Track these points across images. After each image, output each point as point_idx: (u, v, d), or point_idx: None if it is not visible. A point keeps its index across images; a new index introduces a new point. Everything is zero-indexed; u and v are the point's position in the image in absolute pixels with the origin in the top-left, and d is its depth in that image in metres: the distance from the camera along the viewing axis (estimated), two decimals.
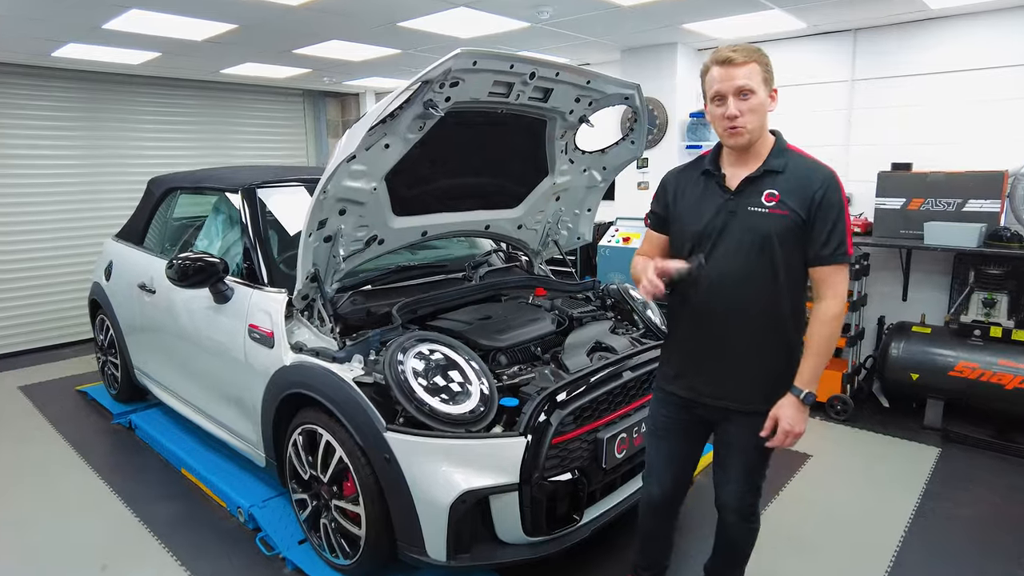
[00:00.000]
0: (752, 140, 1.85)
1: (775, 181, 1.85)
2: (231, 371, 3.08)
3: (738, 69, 1.79)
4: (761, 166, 1.87)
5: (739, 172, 1.91)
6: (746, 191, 1.88)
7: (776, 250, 1.83)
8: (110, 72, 6.14)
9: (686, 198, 2.01)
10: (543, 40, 4.80)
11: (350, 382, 2.39)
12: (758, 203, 1.85)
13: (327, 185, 2.37)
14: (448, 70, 2.30)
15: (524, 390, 2.43)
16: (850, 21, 4.52)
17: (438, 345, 2.44)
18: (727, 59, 1.81)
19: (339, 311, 2.83)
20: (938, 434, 4.07)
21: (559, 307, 3.17)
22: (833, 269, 1.83)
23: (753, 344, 1.91)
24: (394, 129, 2.50)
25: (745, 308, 1.89)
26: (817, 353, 1.86)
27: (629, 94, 3.08)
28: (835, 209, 1.80)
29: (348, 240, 2.72)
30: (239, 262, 3.22)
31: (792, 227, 1.82)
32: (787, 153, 1.89)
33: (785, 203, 1.82)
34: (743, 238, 1.87)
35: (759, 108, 1.81)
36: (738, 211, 1.88)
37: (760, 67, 1.81)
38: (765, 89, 1.83)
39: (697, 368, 2.01)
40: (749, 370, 1.93)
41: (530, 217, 3.57)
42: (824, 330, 1.84)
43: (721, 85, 1.81)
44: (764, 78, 1.82)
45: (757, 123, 1.83)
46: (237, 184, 3.42)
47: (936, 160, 4.34)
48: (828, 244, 1.81)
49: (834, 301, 1.84)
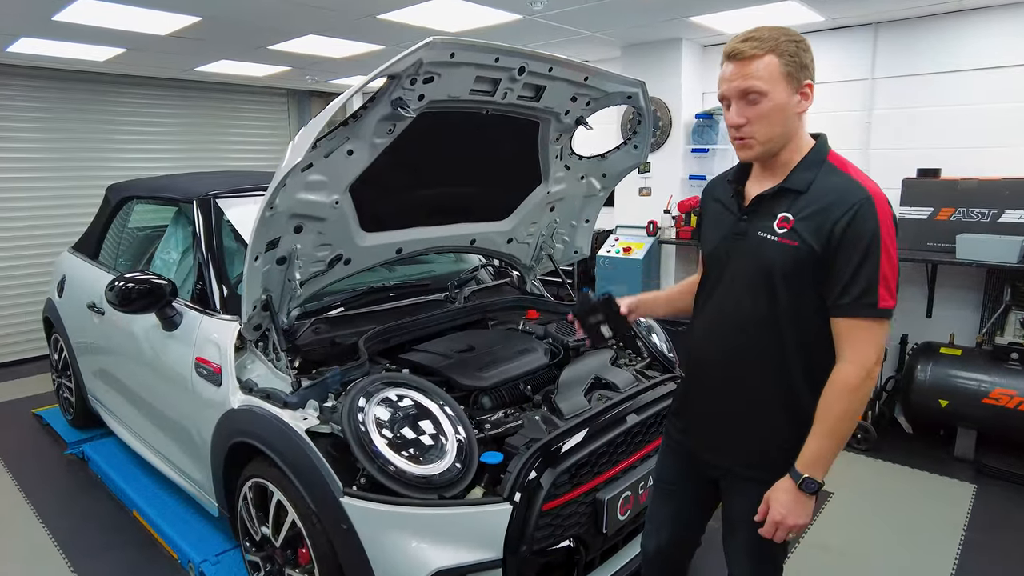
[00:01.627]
0: (768, 152, 1.48)
1: (793, 202, 1.46)
2: (180, 408, 2.71)
3: (745, 65, 1.42)
4: (780, 183, 1.50)
5: (760, 187, 1.55)
6: (760, 212, 1.52)
7: (778, 290, 1.46)
8: (77, 70, 5.76)
9: (711, 213, 1.69)
10: (537, 35, 4.44)
11: (301, 433, 2.01)
12: (769, 228, 1.48)
13: (274, 199, 2.00)
14: (419, 63, 1.93)
15: (510, 442, 2.05)
16: (871, 14, 4.16)
17: (408, 390, 2.06)
18: (733, 52, 1.44)
19: (298, 342, 2.46)
20: (971, 467, 3.70)
21: (553, 334, 2.80)
22: (853, 324, 1.39)
23: (752, 401, 1.56)
24: (358, 133, 2.13)
25: (742, 357, 1.54)
26: (824, 433, 1.43)
27: (632, 92, 2.71)
28: (862, 243, 1.36)
29: (306, 261, 2.34)
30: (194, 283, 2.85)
31: (802, 263, 1.42)
32: (820, 167, 1.47)
33: (798, 232, 1.43)
34: (746, 270, 1.52)
35: (772, 113, 1.42)
36: (747, 235, 1.53)
37: (781, 59, 1.40)
38: (788, 87, 1.41)
39: (694, 416, 1.71)
40: (748, 430, 1.58)
41: (522, 230, 3.19)
42: (834, 403, 1.41)
43: (724, 87, 1.46)
44: (786, 72, 1.41)
45: (771, 132, 1.44)
46: (192, 193, 3.04)
47: (967, 166, 3.97)
48: (848, 290, 1.38)
49: (852, 367, 1.40)
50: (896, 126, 4.33)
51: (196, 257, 2.85)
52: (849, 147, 4.46)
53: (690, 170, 5.20)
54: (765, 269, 1.48)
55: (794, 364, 1.50)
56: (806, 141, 1.52)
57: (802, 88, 1.44)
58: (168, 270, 3.08)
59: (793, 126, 1.47)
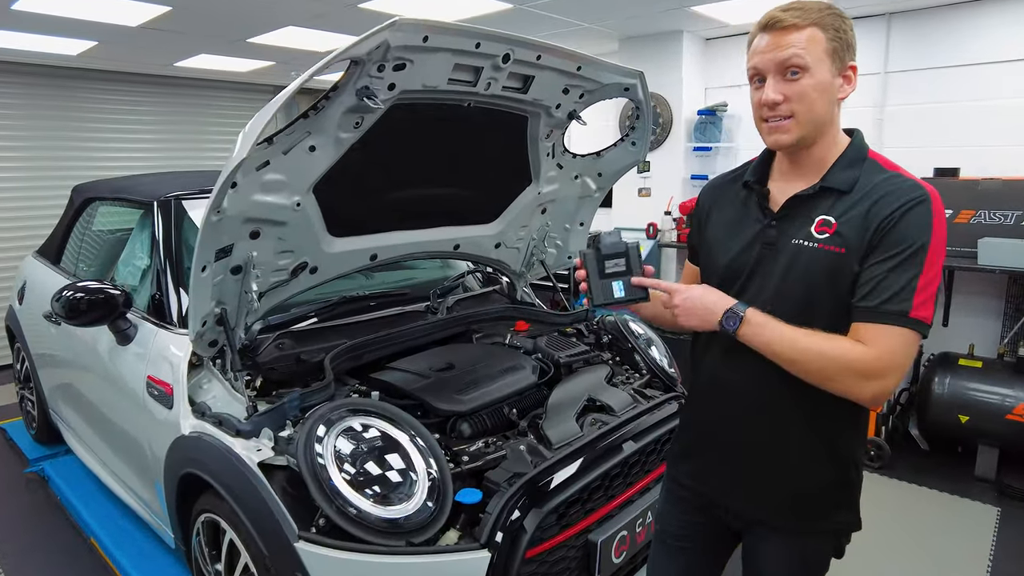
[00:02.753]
0: (805, 140, 1.26)
1: (835, 204, 1.25)
2: (134, 430, 2.46)
3: (786, 35, 1.21)
4: (819, 181, 1.27)
5: (789, 188, 1.32)
6: (793, 216, 1.29)
7: (821, 306, 1.24)
8: (48, 65, 5.51)
9: (720, 219, 1.45)
10: (528, 26, 4.19)
11: (253, 467, 1.77)
12: (806, 234, 1.26)
13: (221, 202, 1.76)
14: (384, 46, 1.70)
15: (490, 477, 1.81)
16: (884, 4, 3.93)
17: (374, 418, 1.81)
18: (771, 21, 1.23)
19: (260, 359, 2.22)
20: (993, 488, 3.46)
21: (543, 348, 2.55)
22: (878, 329, 1.17)
23: (785, 437, 1.33)
24: (320, 126, 1.90)
25: (773, 386, 1.29)
26: (791, 341, 1.20)
27: (630, 84, 2.47)
28: (909, 246, 1.16)
29: (265, 271, 2.10)
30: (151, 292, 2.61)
31: (847, 271, 1.22)
32: (864, 164, 1.27)
33: (843, 236, 1.22)
34: (781, 285, 1.28)
35: (816, 92, 1.21)
36: (779, 243, 1.30)
37: (825, 33, 1.21)
38: (832, 65, 1.22)
39: (710, 459, 1.45)
40: (780, 472, 1.35)
41: (511, 233, 2.95)
42: (828, 348, 1.18)
43: (759, 59, 1.25)
44: (831, 49, 1.21)
45: (812, 114, 1.23)
46: (154, 194, 2.80)
47: (987, 165, 3.73)
48: (878, 291, 1.17)
49: (868, 353, 1.16)
50: (910, 123, 4.10)
51: (154, 264, 2.61)
52: None
53: (692, 169, 4.96)
54: (804, 283, 1.25)
55: (830, 397, 1.25)
56: (841, 137, 1.31)
57: (845, 70, 1.24)
58: (133, 277, 2.85)
59: (832, 114, 1.26)
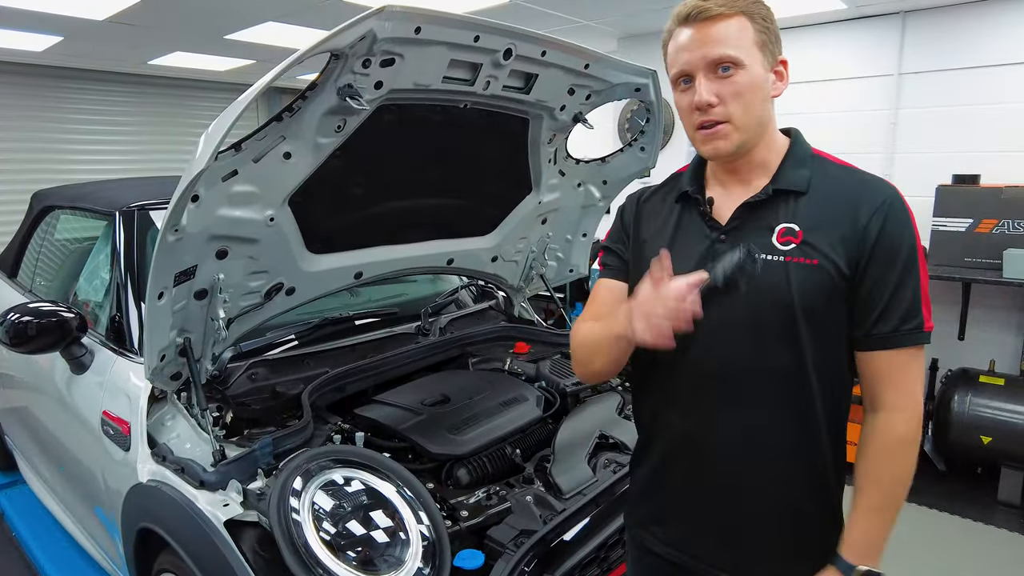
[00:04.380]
0: (746, 145, 1.11)
1: (795, 208, 1.10)
2: (89, 469, 2.20)
3: (713, 26, 1.07)
4: (769, 183, 1.12)
5: (734, 195, 1.15)
6: (746, 227, 1.12)
7: (802, 330, 1.07)
8: (12, 62, 5.22)
9: (651, 237, 1.24)
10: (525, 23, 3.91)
11: (218, 526, 1.52)
12: (767, 246, 1.09)
13: (178, 219, 1.51)
14: (370, 37, 1.47)
15: (494, 535, 1.57)
16: (898, 2, 3.74)
17: (357, 470, 1.57)
18: (696, 11, 1.08)
19: (230, 392, 1.97)
20: (1019, 514, 3.28)
21: (546, 375, 2.32)
22: (897, 357, 1.07)
23: (777, 491, 1.13)
24: (296, 130, 1.66)
25: (751, 427, 1.11)
26: (877, 506, 1.09)
27: (641, 84, 2.26)
28: (901, 253, 1.05)
29: (235, 294, 1.85)
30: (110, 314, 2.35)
31: (827, 287, 1.06)
32: (814, 161, 1.14)
33: (812, 244, 1.07)
34: (748, 311, 1.09)
35: (752, 90, 1.08)
36: None
37: (753, 23, 1.08)
38: (764, 59, 1.09)
39: (691, 522, 1.22)
40: (775, 529, 1.15)
41: (508, 246, 2.72)
42: (887, 465, 1.09)
43: (685, 57, 1.09)
44: (760, 41, 1.08)
45: (750, 116, 1.09)
46: (115, 204, 2.54)
47: (1008, 172, 3.55)
48: (888, 314, 1.05)
49: (901, 416, 1.07)
50: (926, 127, 3.92)
51: (113, 282, 2.35)
52: (872, 150, 4.05)
53: None
54: (776, 303, 1.07)
55: (822, 428, 1.11)
56: (780, 137, 1.18)
57: (777, 65, 1.12)
58: (97, 294, 2.58)
59: (769, 113, 1.13)
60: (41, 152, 5.62)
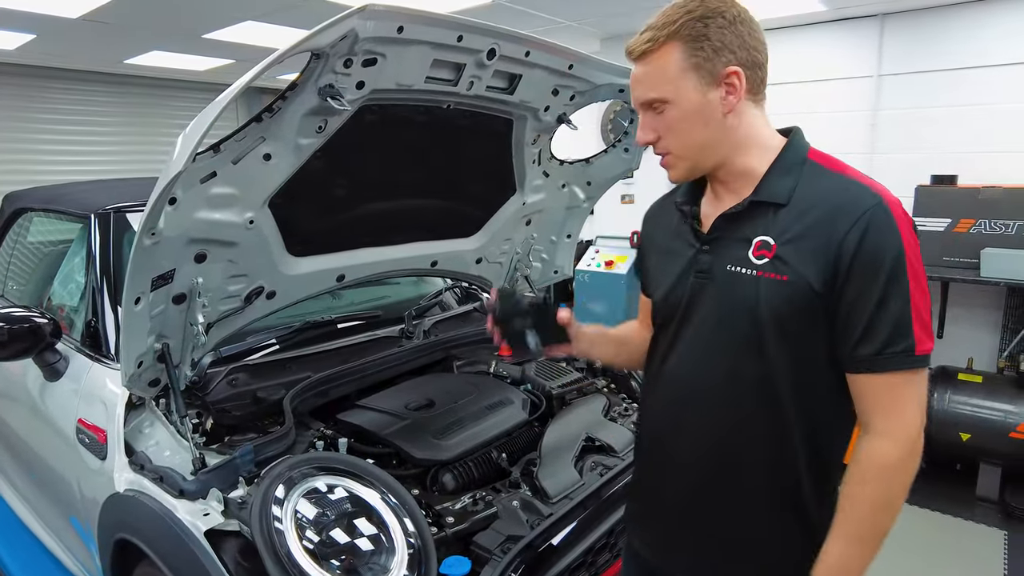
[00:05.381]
0: (700, 167, 1.12)
1: (773, 221, 1.07)
2: (64, 479, 2.15)
3: (640, 65, 1.09)
4: (749, 195, 1.09)
5: (723, 203, 1.14)
6: (725, 238, 1.12)
7: (769, 345, 1.05)
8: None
9: (656, 244, 1.28)
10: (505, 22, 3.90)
11: (199, 537, 1.49)
12: (742, 259, 1.08)
13: (155, 223, 1.47)
14: (351, 36, 1.45)
15: (480, 542, 1.55)
16: (877, 4, 3.78)
17: (343, 478, 1.54)
18: (628, 50, 1.11)
19: (210, 398, 1.93)
20: (997, 509, 3.33)
21: (532, 377, 2.31)
22: (882, 381, 1.01)
23: (745, 507, 1.13)
24: (276, 131, 1.63)
25: (723, 445, 1.12)
26: (851, 534, 1.04)
27: (625, 84, 2.23)
28: (883, 267, 0.99)
29: (214, 298, 1.81)
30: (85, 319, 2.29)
31: (798, 304, 1.03)
32: (802, 169, 1.08)
33: (785, 261, 1.04)
34: (720, 323, 1.09)
35: (686, 122, 1.07)
36: (713, 271, 1.11)
37: (684, 45, 1.03)
38: (699, 81, 1.04)
39: (663, 526, 1.24)
40: (742, 548, 1.15)
41: (493, 247, 2.70)
42: (865, 491, 1.03)
43: (631, 96, 1.13)
44: (693, 64, 1.04)
45: (689, 146, 1.09)
46: (91, 206, 2.48)
47: (985, 172, 3.60)
48: (870, 335, 1.00)
49: (889, 441, 1.02)
50: (905, 128, 3.97)
51: (89, 286, 2.30)
52: (852, 151, 4.08)
53: None
54: (746, 317, 1.06)
55: (799, 449, 1.08)
56: (770, 140, 1.12)
57: (724, 78, 1.05)
58: (72, 298, 2.53)
59: (723, 131, 1.08)
60: (14, 152, 5.50)
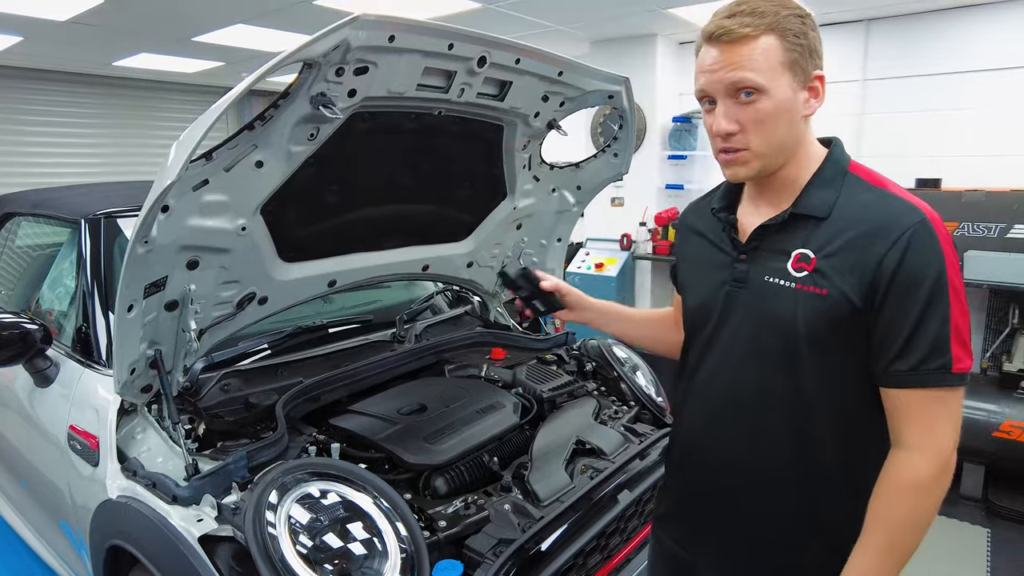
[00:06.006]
0: (768, 169, 1.10)
1: (813, 234, 1.07)
2: (54, 484, 2.15)
3: (736, 49, 1.02)
4: (789, 207, 1.10)
5: (761, 212, 1.15)
6: (764, 248, 1.13)
7: (804, 358, 1.06)
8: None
9: (692, 252, 1.30)
10: (496, 27, 3.98)
11: (192, 543, 1.49)
12: (781, 271, 1.09)
13: (148, 231, 1.48)
14: (344, 46, 1.46)
15: (472, 545, 1.57)
16: (863, 9, 3.83)
17: (336, 483, 1.56)
18: (719, 31, 1.03)
19: (202, 403, 1.94)
20: (980, 507, 3.37)
21: (523, 381, 2.33)
22: (917, 397, 1.01)
23: (774, 515, 1.15)
24: (268, 139, 1.64)
25: (754, 453, 1.13)
26: (880, 547, 1.03)
27: (614, 91, 2.28)
28: (924, 286, 0.99)
29: (206, 304, 1.82)
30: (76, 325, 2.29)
31: (836, 319, 1.04)
32: (843, 182, 1.09)
33: (824, 275, 1.04)
34: (752, 331, 1.10)
35: (775, 116, 1.04)
36: (750, 281, 1.12)
37: (784, 40, 1.02)
38: (793, 79, 1.04)
39: (695, 527, 1.27)
40: (773, 555, 1.16)
41: (484, 251, 2.72)
42: (895, 505, 1.02)
43: (706, 79, 1.07)
44: (790, 60, 1.03)
45: (772, 143, 1.06)
46: (81, 212, 2.48)
47: (969, 176, 3.65)
48: (908, 351, 1.00)
49: (920, 456, 1.01)
50: (889, 132, 4.02)
51: (80, 293, 2.29)
52: None
53: (667, 179, 4.80)
54: (782, 329, 1.07)
55: (828, 459, 1.09)
56: (815, 151, 1.14)
57: (811, 82, 1.07)
58: (61, 303, 2.52)
59: (799, 134, 1.09)
60: (1, 155, 5.46)
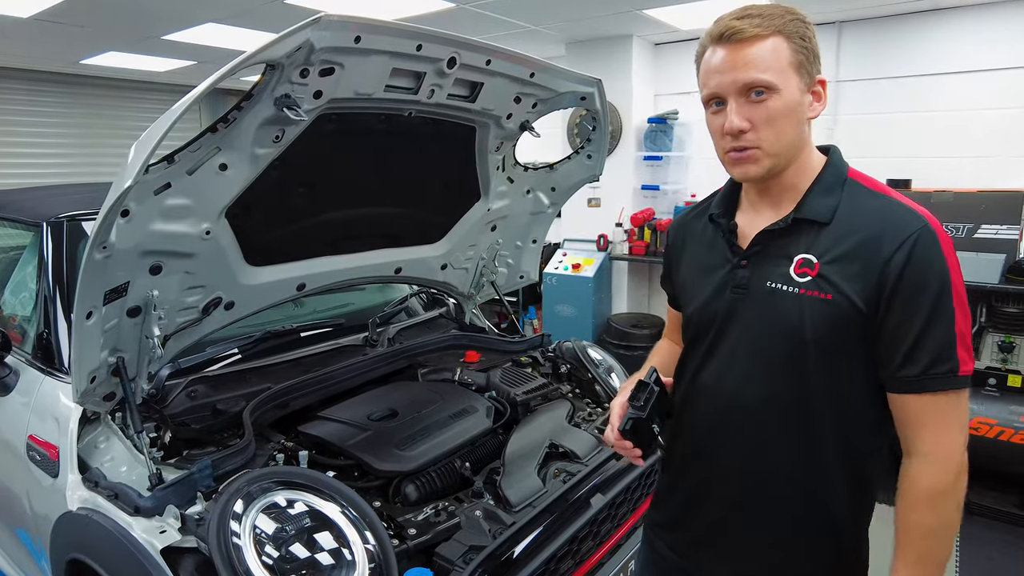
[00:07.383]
0: (776, 169, 1.09)
1: (816, 239, 1.08)
2: (14, 494, 2.09)
3: (746, 48, 1.03)
4: (792, 212, 1.10)
5: (763, 217, 1.14)
6: (766, 253, 1.12)
7: (809, 363, 1.06)
8: None
9: (689, 259, 1.29)
10: (469, 28, 3.96)
11: (155, 555, 1.46)
12: (784, 276, 1.09)
13: (106, 237, 1.44)
14: (307, 47, 1.44)
15: (443, 553, 1.55)
16: (834, 12, 3.87)
17: (301, 492, 1.53)
18: (729, 31, 1.04)
19: (168, 411, 1.90)
20: None
21: (497, 384, 2.31)
22: (927, 402, 1.02)
23: (781, 521, 1.14)
24: (232, 141, 1.61)
25: (752, 460, 1.13)
26: (914, 560, 1.04)
27: (587, 93, 2.27)
28: (929, 291, 0.99)
29: (171, 310, 1.78)
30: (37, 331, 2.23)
31: (841, 324, 1.04)
32: (844, 188, 1.10)
33: (829, 280, 1.05)
34: (758, 339, 1.10)
35: (785, 115, 1.05)
36: (752, 287, 1.11)
37: (791, 43, 1.04)
38: (800, 81, 1.05)
39: (693, 521, 1.26)
40: (750, 548, 1.18)
41: (458, 254, 2.70)
42: (921, 517, 1.02)
43: (717, 80, 1.07)
44: (797, 62, 1.04)
45: (782, 141, 1.06)
46: (43, 214, 2.41)
47: (939, 177, 3.70)
48: (915, 356, 1.01)
49: (935, 464, 1.02)
50: (861, 133, 4.06)
51: (41, 298, 2.23)
52: None
53: (643, 179, 4.82)
54: (788, 334, 1.07)
55: (833, 465, 1.09)
56: (815, 157, 1.15)
57: (814, 85, 1.09)
58: (24, 308, 2.45)
59: (804, 136, 1.10)
60: None
